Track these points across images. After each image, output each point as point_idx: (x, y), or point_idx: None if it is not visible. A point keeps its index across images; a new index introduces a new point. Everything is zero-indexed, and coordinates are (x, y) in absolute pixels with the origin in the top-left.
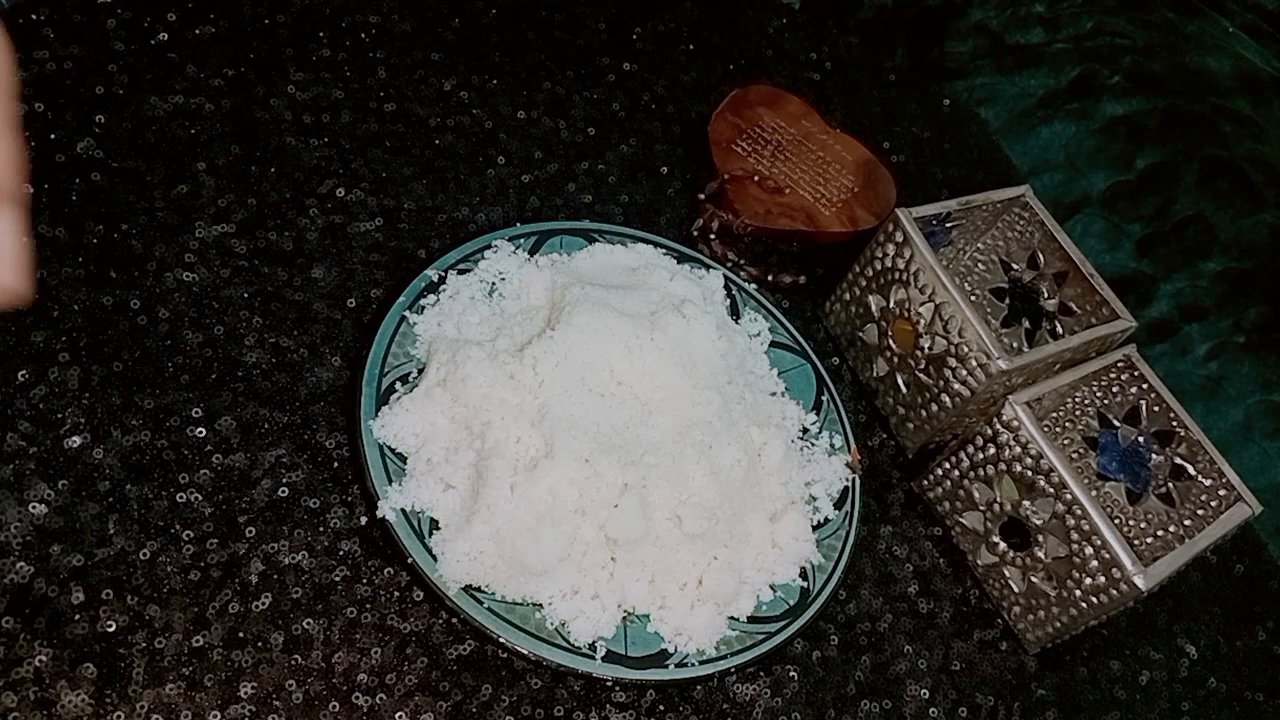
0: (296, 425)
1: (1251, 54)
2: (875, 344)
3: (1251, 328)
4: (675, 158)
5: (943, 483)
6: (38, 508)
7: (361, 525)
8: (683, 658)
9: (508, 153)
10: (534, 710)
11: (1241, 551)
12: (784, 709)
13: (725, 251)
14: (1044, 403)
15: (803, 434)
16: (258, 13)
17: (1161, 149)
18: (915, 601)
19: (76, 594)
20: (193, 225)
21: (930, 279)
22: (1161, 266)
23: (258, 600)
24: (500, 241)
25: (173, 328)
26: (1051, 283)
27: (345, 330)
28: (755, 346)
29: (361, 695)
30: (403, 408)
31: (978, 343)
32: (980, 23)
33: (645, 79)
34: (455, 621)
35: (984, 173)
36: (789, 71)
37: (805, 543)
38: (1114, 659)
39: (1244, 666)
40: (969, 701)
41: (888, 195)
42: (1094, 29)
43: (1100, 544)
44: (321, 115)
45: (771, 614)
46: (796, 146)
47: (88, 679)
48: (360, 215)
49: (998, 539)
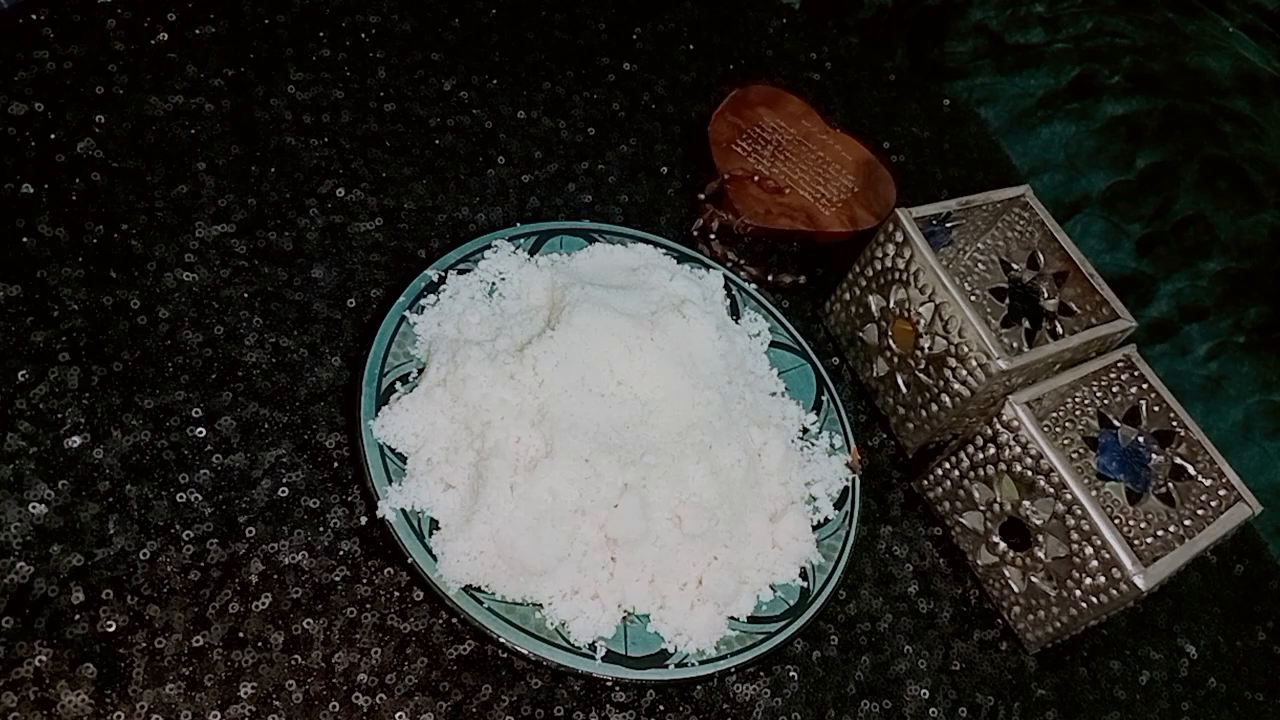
0: (296, 425)
1: (1251, 54)
2: (875, 344)
3: (1251, 328)
4: (675, 158)
5: (943, 483)
6: (38, 508)
7: (361, 525)
8: (683, 658)
9: (508, 153)
10: (534, 710)
11: (1241, 551)
12: (784, 709)
13: (725, 251)
14: (1044, 403)
15: (803, 434)
16: (258, 13)
17: (1161, 149)
18: (915, 601)
19: (76, 594)
20: (193, 225)
21: (930, 279)
22: (1161, 266)
23: (258, 600)
24: (500, 241)
25: (173, 328)
26: (1051, 283)
27: (345, 330)
28: (755, 346)
29: (361, 695)
30: (403, 408)
31: (978, 343)
32: (980, 23)
33: (645, 79)
34: (455, 621)
35: (984, 173)
36: (789, 71)
37: (805, 543)
38: (1114, 659)
39: (1244, 666)
40: (969, 701)
41: (888, 195)
42: (1094, 29)
43: (1100, 544)
44: (321, 115)
45: (771, 614)
46: (796, 146)
47: (88, 679)
48: (360, 215)
49: (998, 539)
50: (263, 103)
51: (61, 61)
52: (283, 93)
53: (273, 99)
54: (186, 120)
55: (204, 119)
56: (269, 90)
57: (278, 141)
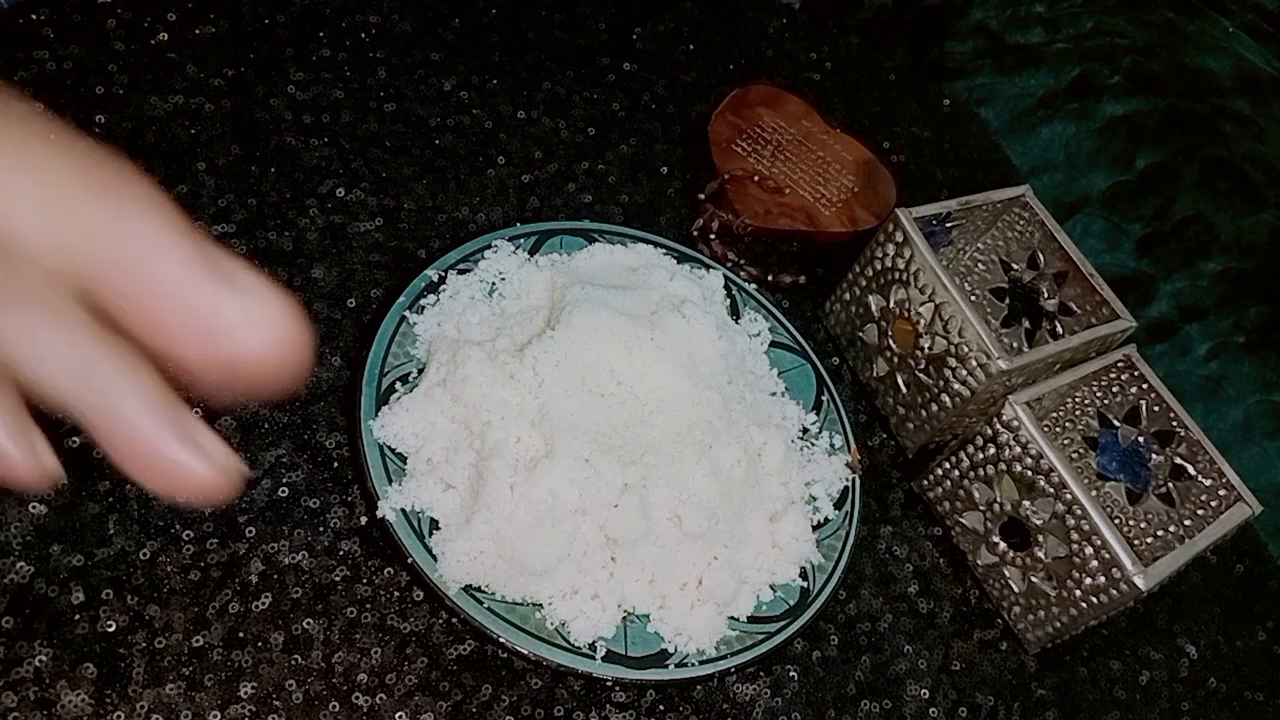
0: (296, 425)
1: (1251, 54)
2: (875, 344)
3: (1251, 328)
4: (675, 158)
5: (943, 483)
6: (38, 508)
7: (361, 525)
8: (683, 658)
9: (508, 153)
10: (534, 710)
11: (1241, 551)
12: (784, 709)
13: (725, 251)
14: (1044, 403)
15: (803, 434)
16: (258, 13)
17: (1161, 149)
18: (915, 601)
19: (76, 594)
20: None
21: (930, 279)
22: (1161, 266)
23: (258, 600)
24: (500, 241)
25: None
26: (1051, 283)
27: (345, 330)
28: (755, 346)
29: (361, 695)
30: (403, 408)
31: (978, 343)
32: (980, 23)
33: (645, 79)
34: (455, 621)
35: (984, 173)
36: (789, 71)
37: (805, 543)
38: (1114, 659)
39: (1244, 666)
40: (969, 701)
41: (888, 195)
42: (1094, 29)
43: (1100, 544)
44: (321, 115)
45: (771, 614)
46: (796, 146)
47: (88, 679)
48: (360, 215)
49: (998, 539)
50: (263, 103)
51: (61, 61)
52: (283, 93)
53: (273, 99)
54: (186, 120)
55: (204, 119)
56: (269, 90)
57: (278, 141)
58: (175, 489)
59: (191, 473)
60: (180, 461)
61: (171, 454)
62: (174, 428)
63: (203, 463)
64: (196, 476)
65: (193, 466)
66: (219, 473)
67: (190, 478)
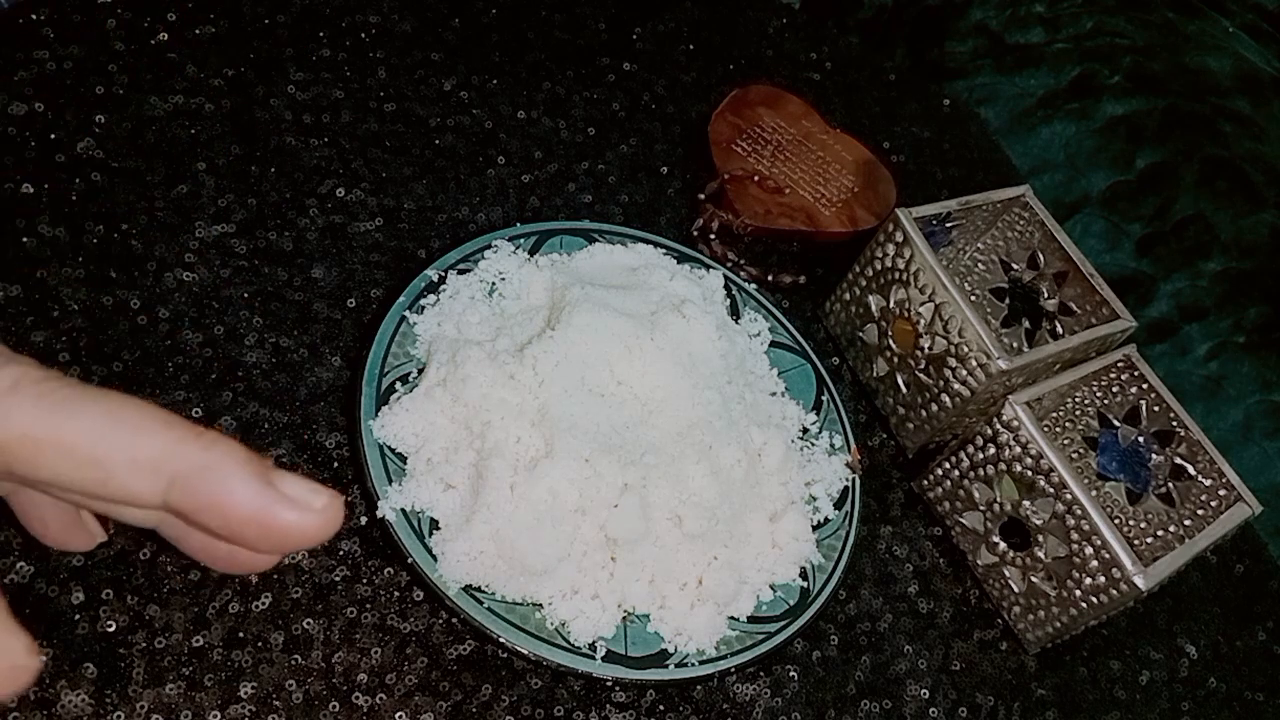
0: (296, 425)
1: (1251, 54)
2: (875, 344)
3: (1251, 328)
4: (675, 158)
5: (943, 483)
6: None
7: (361, 525)
8: (683, 658)
9: (508, 153)
10: (534, 710)
11: (1241, 551)
12: (784, 709)
13: (725, 251)
14: (1044, 403)
15: (803, 434)
16: (258, 13)
17: (1161, 149)
18: (915, 601)
19: (76, 594)
20: (193, 225)
21: (930, 279)
22: (1161, 266)
23: (258, 600)
24: (500, 241)
25: (173, 328)
26: (1051, 283)
27: (345, 330)
28: (755, 346)
29: (361, 695)
30: (403, 408)
31: (978, 343)
32: (980, 23)
33: (645, 79)
34: (455, 621)
35: (984, 173)
36: (789, 71)
37: (805, 543)
38: (1114, 659)
39: (1244, 666)
40: (969, 701)
41: (888, 195)
42: (1094, 29)
43: (1100, 544)
44: (321, 115)
45: (771, 614)
46: (796, 146)
47: (88, 679)
48: (360, 215)
49: (998, 539)
50: (263, 103)
51: (61, 61)
52: (283, 93)
53: (273, 99)
54: (186, 120)
55: (204, 119)
56: (269, 90)
57: (278, 141)
58: (289, 545)
59: (300, 530)
60: (287, 521)
61: (280, 520)
62: (273, 494)
63: (304, 515)
64: (306, 531)
65: (299, 524)
66: (322, 520)
67: (300, 534)
